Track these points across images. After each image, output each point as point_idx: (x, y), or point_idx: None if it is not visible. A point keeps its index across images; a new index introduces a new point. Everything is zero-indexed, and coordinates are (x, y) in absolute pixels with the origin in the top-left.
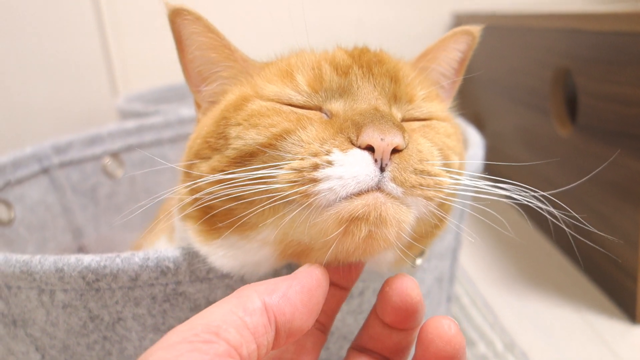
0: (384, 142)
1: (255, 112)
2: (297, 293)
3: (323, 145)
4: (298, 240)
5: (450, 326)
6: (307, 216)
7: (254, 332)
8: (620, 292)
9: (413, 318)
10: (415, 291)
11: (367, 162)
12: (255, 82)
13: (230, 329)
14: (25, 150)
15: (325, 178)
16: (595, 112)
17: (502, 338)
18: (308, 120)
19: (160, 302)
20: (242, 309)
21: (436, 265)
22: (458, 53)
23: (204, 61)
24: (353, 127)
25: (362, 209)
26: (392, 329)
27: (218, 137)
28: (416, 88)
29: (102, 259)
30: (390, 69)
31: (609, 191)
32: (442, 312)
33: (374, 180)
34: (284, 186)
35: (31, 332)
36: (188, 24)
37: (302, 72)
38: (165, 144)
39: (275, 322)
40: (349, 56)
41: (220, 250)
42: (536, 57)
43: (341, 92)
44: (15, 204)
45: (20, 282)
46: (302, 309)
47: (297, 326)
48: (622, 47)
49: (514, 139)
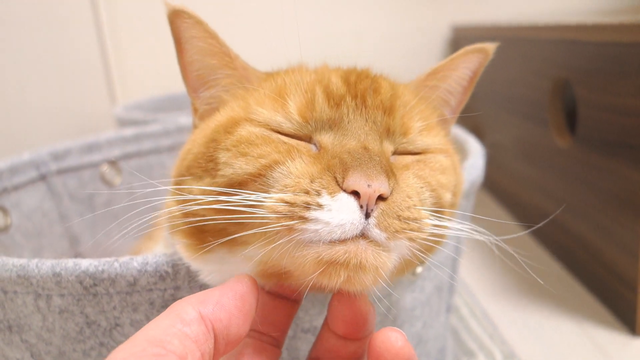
0: (370, 189)
1: (244, 139)
2: (231, 299)
3: (312, 183)
4: (280, 265)
5: (398, 338)
6: (289, 248)
7: (196, 340)
8: (620, 304)
9: (364, 328)
10: (364, 301)
11: (353, 209)
12: (249, 101)
13: (174, 340)
14: (23, 156)
15: (314, 220)
16: (595, 123)
17: (502, 349)
18: (297, 152)
19: (159, 308)
20: (180, 321)
21: (436, 273)
22: (468, 71)
23: (202, 66)
24: (340, 166)
25: (343, 256)
26: (346, 340)
27: (208, 160)
28: (413, 119)
29: (100, 263)
30: (386, 99)
31: (608, 202)
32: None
33: (358, 228)
34: (271, 216)
35: (27, 338)
36: (188, 27)
37: (295, 96)
38: (163, 152)
39: (213, 329)
40: (344, 83)
41: (209, 265)
42: (535, 68)
43: (331, 124)
44: (12, 210)
45: (16, 287)
46: (237, 314)
47: (234, 332)
48: (621, 57)
49: (513, 150)
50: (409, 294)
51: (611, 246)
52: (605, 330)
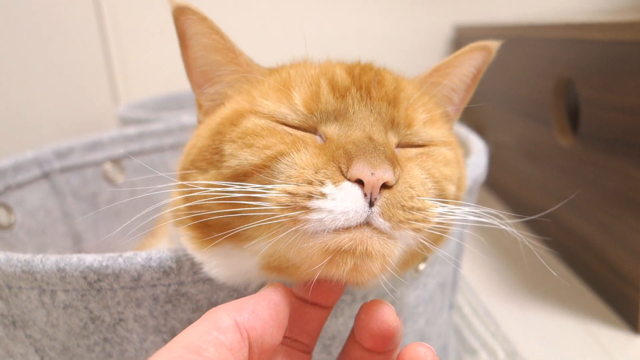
0: (373, 177)
1: (250, 131)
2: (265, 309)
3: (317, 174)
4: (287, 257)
5: (427, 354)
6: (294, 240)
7: (231, 348)
8: (622, 302)
9: (391, 342)
10: (392, 317)
11: (357, 197)
12: (253, 95)
13: (210, 347)
14: (27, 154)
15: (317, 209)
16: (597, 121)
17: (504, 347)
18: (302, 144)
19: (162, 303)
20: (216, 329)
21: (439, 270)
22: (472, 69)
23: (207, 62)
24: (345, 156)
25: (349, 243)
26: (372, 352)
27: (213, 152)
28: (417, 111)
29: (104, 258)
30: (390, 91)
31: (611, 201)
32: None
33: (362, 216)
34: (274, 208)
35: (31, 333)
36: (192, 24)
37: (300, 88)
38: (166, 151)
39: (248, 337)
40: (349, 75)
41: (214, 259)
42: (538, 67)
43: (337, 115)
44: (16, 208)
45: (21, 282)
46: (271, 323)
47: (268, 341)
48: (623, 56)
49: (515, 149)
50: (411, 291)
51: (614, 244)
52: (608, 329)
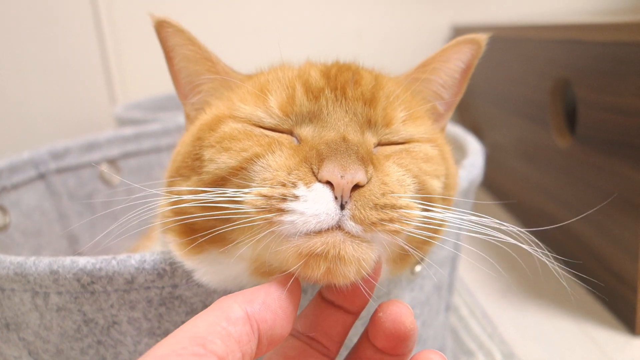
0: (343, 180)
1: (227, 135)
2: (276, 300)
3: (289, 175)
4: (267, 261)
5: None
6: (270, 243)
7: (239, 341)
8: (619, 304)
9: (405, 345)
10: (410, 319)
11: (328, 199)
12: (232, 100)
13: (217, 339)
14: (22, 155)
15: (291, 211)
16: (595, 122)
17: (501, 348)
18: (278, 145)
19: (156, 306)
20: (225, 320)
21: (435, 272)
22: (460, 63)
23: (188, 72)
24: (316, 157)
25: (320, 247)
26: (383, 354)
27: (194, 159)
28: (396, 110)
29: (97, 261)
30: (367, 90)
31: (608, 202)
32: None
33: (334, 219)
34: (251, 210)
35: (24, 336)
36: (171, 36)
37: (276, 92)
38: (163, 151)
39: (258, 330)
40: (323, 76)
41: (202, 266)
42: (535, 68)
43: (311, 117)
44: (11, 209)
45: (14, 285)
46: (282, 314)
47: (278, 332)
48: (621, 57)
49: (512, 150)
50: (408, 292)
51: (611, 246)
52: (605, 330)
